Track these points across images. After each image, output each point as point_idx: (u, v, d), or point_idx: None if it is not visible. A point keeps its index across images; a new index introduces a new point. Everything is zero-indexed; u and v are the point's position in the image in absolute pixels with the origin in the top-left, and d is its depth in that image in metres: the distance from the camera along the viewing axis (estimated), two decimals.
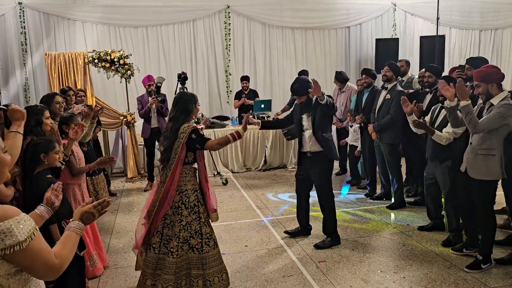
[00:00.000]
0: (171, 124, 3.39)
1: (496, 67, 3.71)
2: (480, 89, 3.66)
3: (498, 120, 3.55)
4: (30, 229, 1.47)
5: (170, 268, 3.29)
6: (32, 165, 2.99)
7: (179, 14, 8.45)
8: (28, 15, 7.80)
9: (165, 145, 3.35)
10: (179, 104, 3.40)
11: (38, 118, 3.42)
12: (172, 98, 7.39)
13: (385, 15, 9.52)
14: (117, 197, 6.53)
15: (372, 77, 6.13)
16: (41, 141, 3.04)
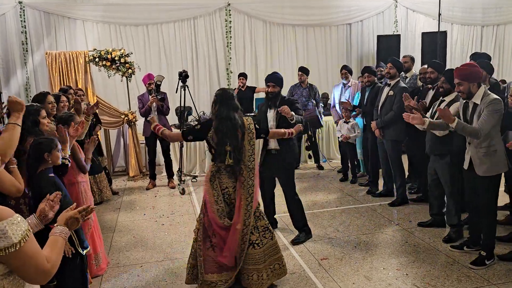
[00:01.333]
0: (229, 122, 3.30)
1: (477, 66, 3.73)
2: (462, 87, 3.69)
3: (494, 117, 3.58)
4: (24, 230, 1.47)
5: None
6: (35, 164, 2.99)
7: (180, 12, 8.43)
8: (28, 14, 7.79)
9: (233, 143, 3.31)
10: (226, 102, 3.36)
11: (35, 118, 3.40)
12: (173, 97, 7.49)
13: (386, 11, 9.49)
14: (119, 196, 6.53)
15: (373, 74, 6.11)
16: (44, 140, 3.03)
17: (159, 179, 7.25)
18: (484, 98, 3.62)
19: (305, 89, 7.45)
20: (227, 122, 3.30)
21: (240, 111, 3.43)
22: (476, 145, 3.72)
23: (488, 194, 3.77)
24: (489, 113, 3.55)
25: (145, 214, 5.68)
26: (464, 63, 3.90)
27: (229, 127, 3.30)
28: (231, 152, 3.30)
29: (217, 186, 3.36)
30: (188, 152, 7.51)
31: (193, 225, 5.14)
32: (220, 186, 3.36)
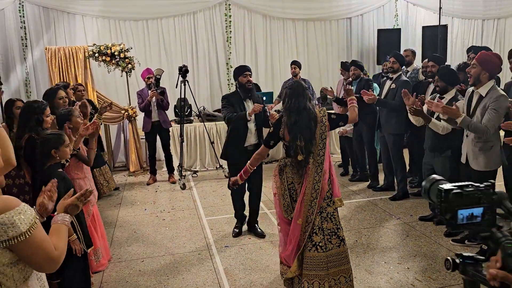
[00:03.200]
0: (305, 112, 3.12)
1: (500, 60, 3.69)
2: (474, 70, 3.66)
3: (500, 116, 3.57)
4: (32, 218, 1.49)
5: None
6: (43, 160, 3.01)
7: (180, 6, 8.38)
8: (27, 9, 7.75)
9: (306, 136, 3.09)
10: (299, 93, 3.17)
11: (39, 117, 3.40)
12: (173, 91, 7.47)
13: (387, 5, 9.44)
14: (120, 191, 6.53)
15: (360, 68, 6.13)
16: (51, 137, 3.04)
17: (159, 174, 7.25)
18: (490, 92, 3.60)
19: None
20: (302, 113, 3.13)
21: (312, 102, 3.29)
22: (473, 140, 3.71)
23: None
24: (495, 110, 3.53)
25: (146, 209, 5.68)
26: (491, 52, 3.87)
27: (303, 119, 3.12)
28: (302, 147, 3.10)
29: (284, 181, 3.23)
30: (188, 147, 7.50)
31: (194, 220, 5.17)
32: (286, 181, 3.22)
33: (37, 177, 3.04)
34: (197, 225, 5.03)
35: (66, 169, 3.45)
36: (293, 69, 7.52)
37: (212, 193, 6.23)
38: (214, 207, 5.59)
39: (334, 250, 3.12)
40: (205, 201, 5.89)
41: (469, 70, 3.70)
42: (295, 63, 7.56)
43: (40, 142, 3.08)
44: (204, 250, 4.36)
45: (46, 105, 3.58)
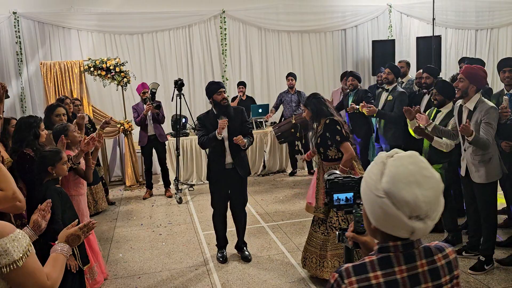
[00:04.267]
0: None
1: (486, 73, 3.74)
2: (462, 84, 3.70)
3: (494, 127, 3.61)
4: (25, 246, 1.47)
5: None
6: (40, 176, 3.01)
7: (175, 20, 8.42)
8: (23, 24, 7.76)
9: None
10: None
11: (36, 131, 3.41)
12: (169, 105, 7.47)
13: (381, 16, 9.51)
14: (116, 206, 6.49)
15: (358, 79, 6.15)
16: (48, 154, 3.04)
17: (156, 188, 7.21)
18: (479, 106, 3.63)
19: (294, 95, 7.63)
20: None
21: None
22: (472, 152, 3.72)
23: (486, 200, 3.78)
24: (488, 124, 3.57)
25: (142, 224, 5.64)
26: (476, 65, 3.91)
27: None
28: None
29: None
30: (184, 160, 7.49)
31: (191, 234, 5.14)
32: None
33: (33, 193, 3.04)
34: (194, 240, 5.00)
35: (64, 186, 3.43)
36: (290, 81, 7.62)
37: (209, 207, 6.14)
38: (210, 221, 5.47)
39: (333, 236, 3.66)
40: (202, 215, 5.86)
41: (457, 84, 3.73)
42: (292, 75, 7.67)
43: (38, 159, 3.09)
44: (201, 265, 4.33)
45: (40, 120, 3.60)
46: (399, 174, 1.20)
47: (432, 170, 1.23)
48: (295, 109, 7.57)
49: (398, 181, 1.20)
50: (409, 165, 1.22)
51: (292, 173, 7.86)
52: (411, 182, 1.19)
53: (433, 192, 1.20)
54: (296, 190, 6.86)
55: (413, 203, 1.18)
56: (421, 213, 1.19)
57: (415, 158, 1.24)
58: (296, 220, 5.44)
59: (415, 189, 1.18)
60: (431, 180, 1.21)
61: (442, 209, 1.23)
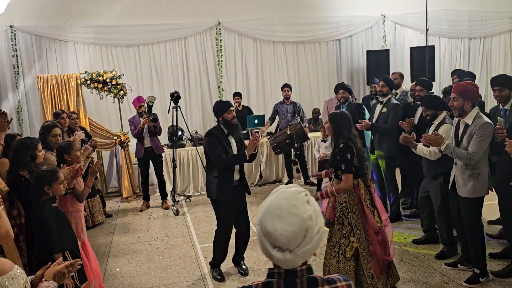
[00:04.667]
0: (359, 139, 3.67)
1: (477, 87, 3.80)
2: (456, 103, 3.75)
3: (485, 142, 3.64)
4: (23, 283, 1.50)
5: None
6: (36, 195, 3.04)
7: (171, 32, 8.49)
8: (19, 38, 7.80)
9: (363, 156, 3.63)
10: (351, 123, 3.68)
11: (33, 153, 3.44)
12: (165, 117, 7.51)
13: (375, 26, 9.61)
14: (113, 218, 6.49)
15: (349, 92, 6.18)
16: (45, 173, 3.07)
17: (152, 199, 7.22)
18: (475, 120, 3.68)
19: (289, 106, 7.70)
20: (358, 143, 3.64)
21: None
22: (461, 167, 3.78)
23: (471, 214, 3.83)
24: (479, 138, 3.61)
25: (139, 237, 5.65)
26: (465, 81, 3.98)
27: (361, 147, 3.66)
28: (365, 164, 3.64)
29: (362, 197, 3.57)
30: (181, 171, 7.51)
31: (188, 247, 5.15)
32: (366, 196, 3.60)
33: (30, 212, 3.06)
34: (191, 253, 5.01)
35: (62, 202, 3.45)
36: (286, 91, 7.68)
37: (206, 218, 6.22)
38: (207, 234, 5.57)
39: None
40: (199, 227, 5.88)
41: (452, 103, 3.79)
42: (287, 86, 7.74)
43: (34, 178, 3.12)
44: (199, 279, 4.34)
45: (38, 141, 3.64)
46: (270, 206, 1.33)
47: (301, 208, 1.31)
48: (291, 119, 7.62)
49: (267, 213, 1.32)
50: (282, 200, 1.33)
51: (288, 183, 7.89)
52: (275, 216, 1.30)
53: (293, 228, 1.28)
54: None
55: (272, 234, 1.28)
56: (280, 245, 1.28)
57: (292, 194, 1.34)
58: None
59: (276, 223, 1.29)
60: (295, 217, 1.29)
61: (311, 246, 1.31)
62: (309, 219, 1.31)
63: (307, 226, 1.29)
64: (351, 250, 3.49)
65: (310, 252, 1.32)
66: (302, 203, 1.32)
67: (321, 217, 1.36)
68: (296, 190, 1.36)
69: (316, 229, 1.32)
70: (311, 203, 1.35)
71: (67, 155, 3.77)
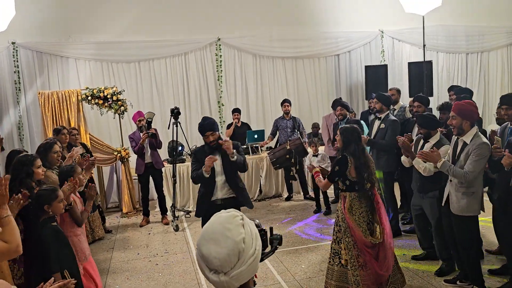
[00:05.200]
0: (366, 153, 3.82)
1: (476, 107, 3.84)
2: (455, 121, 3.79)
3: (481, 162, 3.68)
4: None
5: None
6: (36, 215, 3.06)
7: (171, 48, 8.59)
8: (21, 54, 7.89)
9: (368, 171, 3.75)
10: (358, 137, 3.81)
11: (28, 169, 3.43)
12: (165, 132, 7.56)
13: (373, 42, 9.71)
14: (113, 234, 6.49)
15: (346, 108, 6.24)
16: (44, 192, 3.09)
17: (152, 214, 7.23)
18: (474, 139, 3.72)
19: (289, 121, 7.76)
20: (365, 154, 3.81)
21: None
22: (456, 185, 3.81)
23: (464, 232, 3.86)
24: (476, 158, 3.65)
25: (138, 253, 5.65)
26: (465, 100, 4.03)
27: (366, 158, 3.79)
28: (367, 178, 3.72)
29: (356, 212, 3.73)
30: (181, 186, 7.52)
31: (187, 264, 5.15)
32: (357, 211, 3.73)
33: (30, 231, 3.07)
34: (190, 269, 5.00)
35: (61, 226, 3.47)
36: (286, 107, 7.76)
37: None
38: None
39: None
40: None
41: (450, 122, 3.83)
42: (287, 101, 7.81)
43: (34, 197, 3.14)
44: None
45: (35, 158, 3.63)
46: (205, 230, 1.39)
47: (235, 232, 1.35)
48: (290, 134, 7.67)
49: (203, 237, 1.38)
50: (217, 224, 1.38)
51: (288, 197, 7.91)
52: (210, 239, 1.35)
53: (226, 251, 1.33)
54: (292, 215, 6.89)
55: (207, 257, 1.34)
56: (215, 268, 1.33)
57: (226, 218, 1.39)
58: (292, 248, 5.46)
59: (211, 246, 1.34)
60: (228, 240, 1.34)
61: (245, 269, 1.35)
62: (242, 241, 1.35)
63: (240, 248, 1.34)
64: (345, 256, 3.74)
65: (245, 275, 1.35)
66: (235, 226, 1.36)
67: (258, 240, 1.40)
68: (231, 214, 1.40)
69: (251, 252, 1.35)
70: (245, 227, 1.38)
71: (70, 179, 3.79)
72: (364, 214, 3.71)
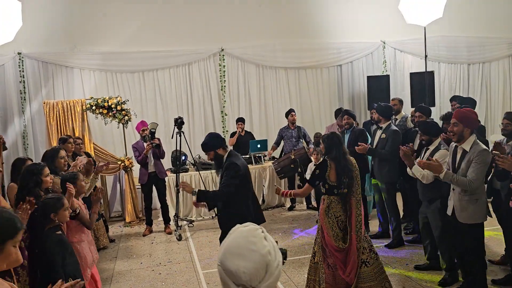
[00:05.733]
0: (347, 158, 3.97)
1: (476, 115, 3.90)
2: (456, 128, 3.83)
3: (483, 170, 3.70)
4: None
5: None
6: (42, 223, 3.07)
7: (175, 58, 8.67)
8: (27, 64, 7.98)
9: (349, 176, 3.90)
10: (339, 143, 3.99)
11: (37, 178, 3.46)
12: (169, 141, 7.59)
13: (375, 52, 9.77)
14: (116, 243, 6.51)
15: (353, 118, 6.30)
16: (50, 201, 3.12)
17: (155, 224, 7.25)
18: (473, 147, 3.76)
19: (294, 130, 7.84)
20: (346, 159, 3.96)
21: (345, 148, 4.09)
22: (459, 193, 3.83)
23: (473, 240, 3.86)
24: (478, 165, 3.68)
25: (141, 262, 5.66)
26: (466, 108, 4.08)
27: (348, 163, 3.93)
28: (346, 184, 3.89)
29: (332, 215, 3.91)
30: (184, 195, 7.54)
31: (190, 273, 5.16)
32: (334, 215, 3.90)
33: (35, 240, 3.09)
34: (193, 279, 5.01)
35: (66, 233, 3.49)
36: (293, 116, 7.85)
37: (208, 243, 6.23)
38: (210, 259, 5.59)
39: (376, 263, 3.92)
40: (201, 252, 5.88)
41: (451, 128, 3.87)
42: (294, 111, 7.92)
43: (39, 206, 3.16)
44: None
45: (43, 166, 3.66)
46: (229, 246, 1.37)
47: (260, 245, 1.35)
48: (295, 144, 7.72)
49: (227, 252, 1.36)
50: (240, 239, 1.37)
51: (291, 207, 7.92)
52: (235, 254, 1.34)
53: (254, 265, 1.32)
54: (294, 225, 6.90)
55: (235, 273, 1.32)
56: (243, 283, 1.32)
57: (249, 232, 1.38)
58: (295, 257, 5.47)
59: (238, 261, 1.33)
60: (255, 254, 1.34)
61: (272, 280, 1.35)
62: (268, 254, 1.35)
63: (267, 261, 1.34)
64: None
65: (272, 287, 1.35)
66: (259, 239, 1.36)
67: (279, 252, 1.41)
68: (252, 227, 1.40)
69: (276, 263, 1.36)
70: (268, 239, 1.39)
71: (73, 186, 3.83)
72: (341, 219, 3.89)
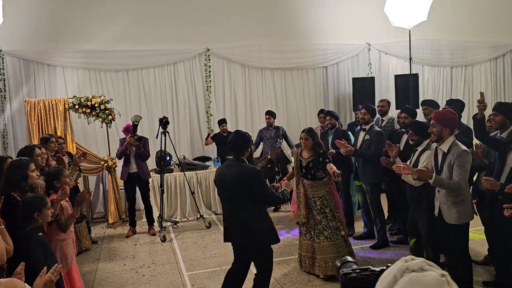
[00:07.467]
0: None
1: (456, 114, 3.92)
2: (435, 129, 3.85)
3: (466, 170, 3.75)
4: None
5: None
6: (24, 223, 2.99)
7: (160, 57, 8.57)
8: (7, 62, 7.79)
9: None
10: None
11: (23, 172, 3.41)
12: (153, 142, 7.51)
13: (360, 54, 9.83)
14: (98, 245, 6.39)
15: (335, 118, 6.31)
16: (33, 200, 3.04)
17: (139, 225, 7.14)
18: (453, 148, 3.78)
19: (272, 131, 7.95)
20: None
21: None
22: (445, 194, 3.86)
23: (458, 240, 3.90)
24: (461, 167, 3.71)
25: (125, 264, 5.56)
26: (444, 108, 4.10)
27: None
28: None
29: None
30: (168, 196, 7.46)
31: (175, 275, 5.09)
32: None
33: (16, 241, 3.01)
34: (177, 281, 4.94)
35: (48, 231, 3.41)
36: (268, 119, 7.94)
37: (193, 245, 6.16)
38: (195, 261, 5.52)
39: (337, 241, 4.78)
40: (186, 254, 5.81)
41: (431, 130, 3.90)
42: (270, 113, 8.04)
43: (22, 205, 3.08)
44: None
45: (29, 161, 3.61)
46: None
47: None
48: (274, 144, 7.76)
49: None
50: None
51: (276, 208, 7.90)
52: None
53: None
54: (280, 226, 6.87)
55: None
56: None
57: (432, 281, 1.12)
58: (281, 258, 5.43)
59: None
60: None
61: None
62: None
63: None
64: (343, 228, 4.79)
65: None
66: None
67: None
68: (433, 276, 1.12)
69: None
70: (451, 285, 1.11)
71: (56, 181, 3.75)
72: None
